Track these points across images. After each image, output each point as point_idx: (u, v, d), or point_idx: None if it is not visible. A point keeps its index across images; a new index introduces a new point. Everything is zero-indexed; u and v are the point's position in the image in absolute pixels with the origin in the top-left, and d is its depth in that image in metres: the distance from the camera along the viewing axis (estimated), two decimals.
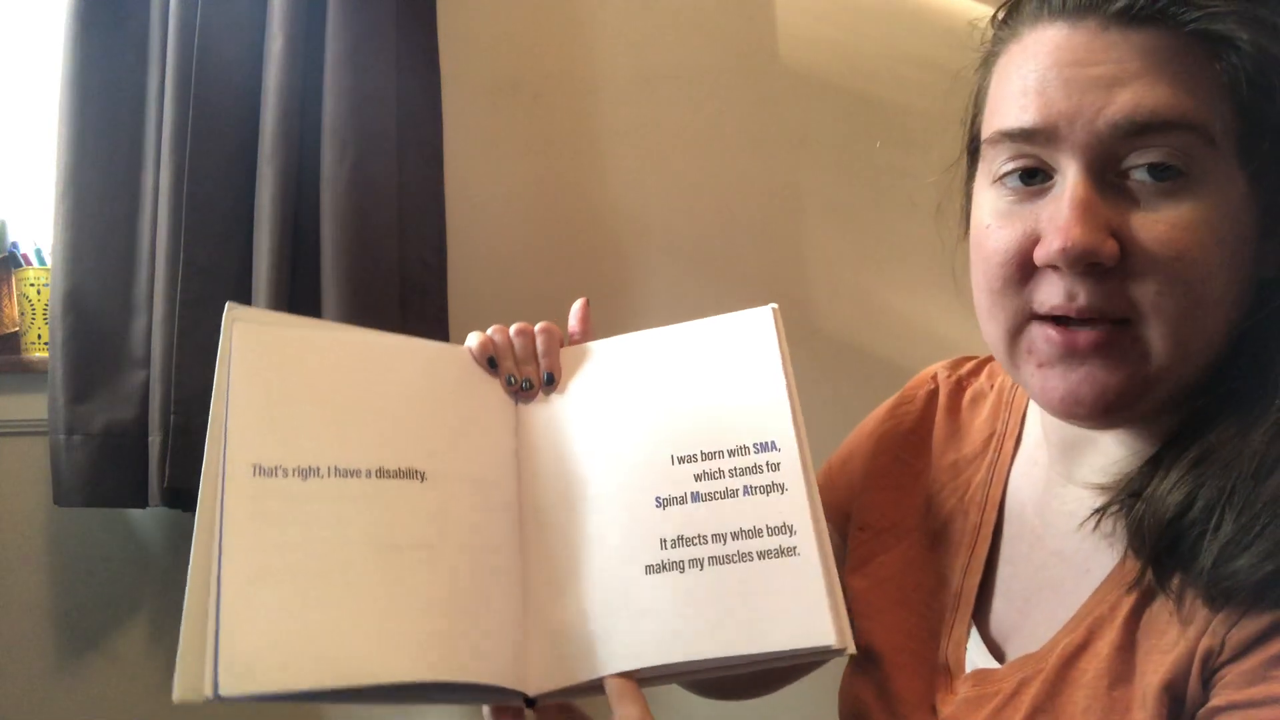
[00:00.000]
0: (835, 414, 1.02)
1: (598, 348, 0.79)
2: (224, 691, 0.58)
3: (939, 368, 0.88)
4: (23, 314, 1.58)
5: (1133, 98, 0.58)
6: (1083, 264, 0.59)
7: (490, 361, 0.78)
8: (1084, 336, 0.61)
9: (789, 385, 0.72)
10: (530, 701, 0.68)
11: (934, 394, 0.85)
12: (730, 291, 1.71)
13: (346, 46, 1.47)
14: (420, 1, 1.57)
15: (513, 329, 0.79)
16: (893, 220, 1.70)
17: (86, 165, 1.48)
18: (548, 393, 0.78)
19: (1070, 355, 0.61)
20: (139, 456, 1.48)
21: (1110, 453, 0.68)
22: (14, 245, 1.60)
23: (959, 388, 0.85)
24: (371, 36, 1.49)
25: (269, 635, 0.61)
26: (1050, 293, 0.61)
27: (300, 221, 1.48)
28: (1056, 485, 0.72)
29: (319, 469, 0.67)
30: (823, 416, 1.10)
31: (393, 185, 1.51)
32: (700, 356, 0.76)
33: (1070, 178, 0.60)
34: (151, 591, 1.60)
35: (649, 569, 0.69)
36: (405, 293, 1.54)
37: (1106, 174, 0.60)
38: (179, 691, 0.58)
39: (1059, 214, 0.60)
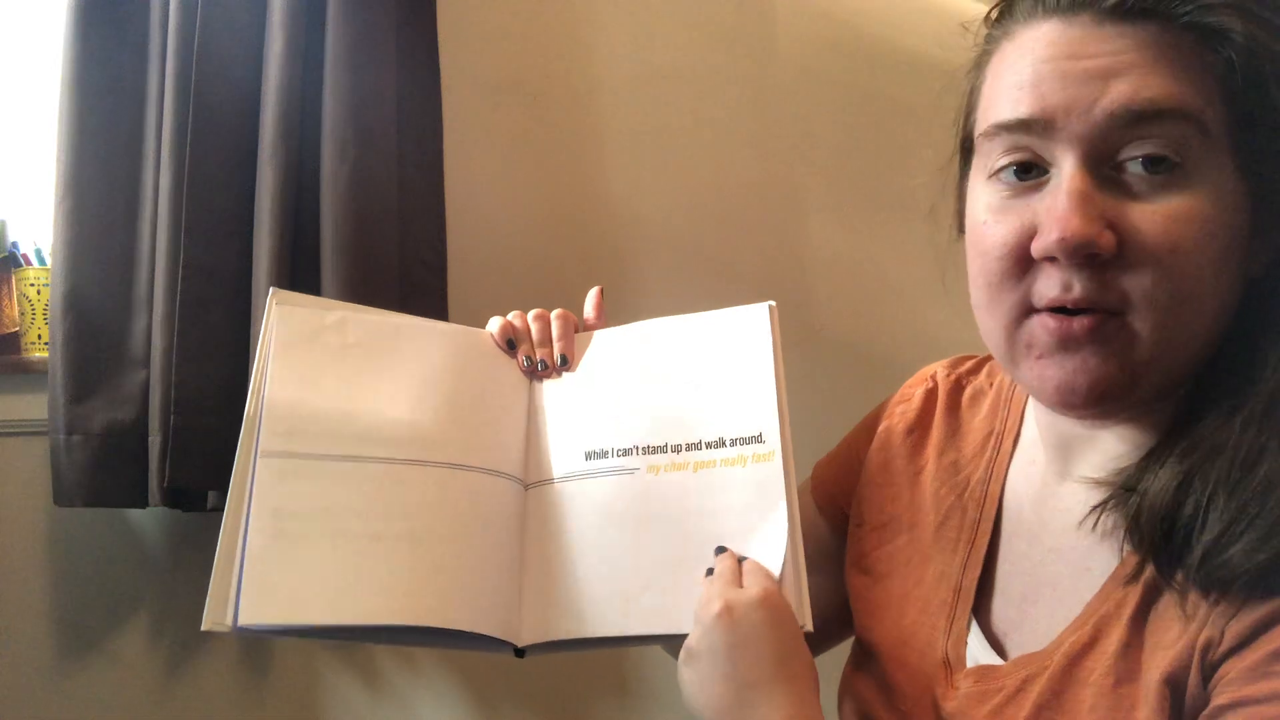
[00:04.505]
0: (835, 414, 1.02)
1: (607, 334, 0.86)
2: (242, 621, 0.69)
3: (938, 366, 0.88)
4: (23, 314, 1.58)
5: (1129, 88, 0.59)
6: (1081, 254, 0.60)
7: (510, 344, 0.86)
8: (1079, 322, 0.61)
9: (778, 379, 0.78)
10: (520, 653, 0.76)
11: (932, 392, 0.85)
12: (730, 291, 1.69)
13: (346, 46, 1.47)
14: (420, 1, 1.57)
15: (531, 314, 0.87)
16: (893, 220, 1.70)
17: (86, 165, 1.48)
18: (560, 373, 0.85)
19: (1066, 343, 0.62)
20: (139, 456, 1.48)
21: (1105, 449, 0.68)
22: (14, 245, 1.60)
23: (958, 386, 0.85)
24: (371, 36, 1.49)
25: (285, 578, 0.71)
26: (1047, 285, 0.62)
27: (300, 221, 1.48)
28: (1053, 483, 0.72)
29: (342, 452, 0.76)
30: (822, 416, 1.11)
31: (393, 185, 1.51)
32: (699, 347, 0.82)
33: (1067, 170, 0.61)
34: (151, 591, 1.60)
35: (638, 539, 0.76)
36: (405, 293, 1.54)
37: (1102, 166, 0.61)
38: (206, 622, 0.70)
39: (1056, 206, 0.60)
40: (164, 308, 1.46)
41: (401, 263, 1.53)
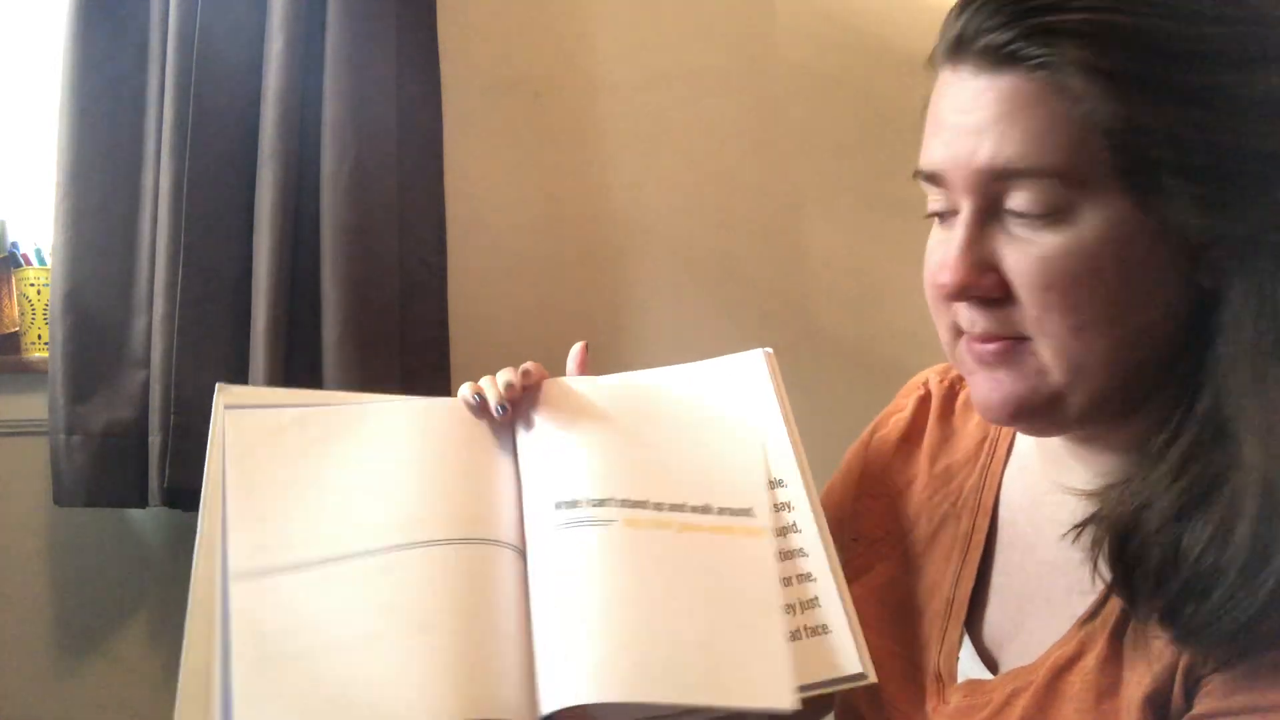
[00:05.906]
0: (834, 415, 1.02)
1: (589, 383, 0.79)
2: None
3: (930, 373, 0.87)
4: (23, 314, 1.58)
5: (991, 147, 0.61)
6: (962, 298, 0.63)
7: (479, 398, 0.76)
8: (989, 347, 0.64)
9: (789, 427, 0.73)
10: None
11: (925, 400, 0.84)
12: (730, 292, 1.71)
13: (346, 46, 1.47)
14: (420, 1, 1.58)
15: (499, 374, 0.78)
16: (893, 220, 1.70)
17: (86, 165, 1.48)
18: (527, 390, 0.77)
19: (982, 365, 0.65)
20: (139, 456, 1.48)
21: (1088, 461, 0.68)
22: (14, 245, 1.60)
23: (951, 392, 0.84)
24: (371, 36, 1.49)
25: (280, 710, 0.61)
26: (960, 317, 0.66)
27: (300, 221, 1.48)
28: (1047, 492, 0.72)
29: (322, 555, 0.69)
30: (821, 418, 1.10)
31: (393, 185, 1.51)
32: (687, 402, 0.76)
33: (960, 217, 0.64)
34: (151, 591, 1.60)
35: (649, 602, 0.68)
36: (405, 293, 1.54)
37: (995, 210, 0.63)
38: None
39: (946, 254, 0.64)
40: (164, 308, 1.46)
41: (401, 263, 1.53)
